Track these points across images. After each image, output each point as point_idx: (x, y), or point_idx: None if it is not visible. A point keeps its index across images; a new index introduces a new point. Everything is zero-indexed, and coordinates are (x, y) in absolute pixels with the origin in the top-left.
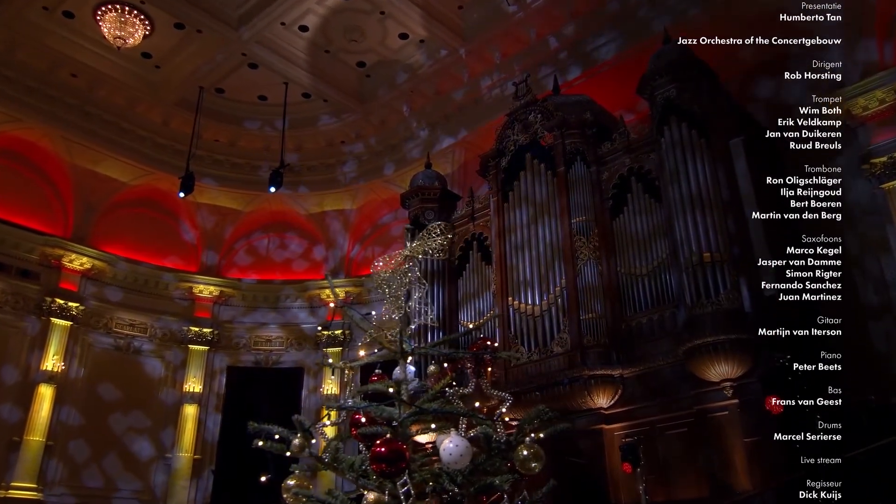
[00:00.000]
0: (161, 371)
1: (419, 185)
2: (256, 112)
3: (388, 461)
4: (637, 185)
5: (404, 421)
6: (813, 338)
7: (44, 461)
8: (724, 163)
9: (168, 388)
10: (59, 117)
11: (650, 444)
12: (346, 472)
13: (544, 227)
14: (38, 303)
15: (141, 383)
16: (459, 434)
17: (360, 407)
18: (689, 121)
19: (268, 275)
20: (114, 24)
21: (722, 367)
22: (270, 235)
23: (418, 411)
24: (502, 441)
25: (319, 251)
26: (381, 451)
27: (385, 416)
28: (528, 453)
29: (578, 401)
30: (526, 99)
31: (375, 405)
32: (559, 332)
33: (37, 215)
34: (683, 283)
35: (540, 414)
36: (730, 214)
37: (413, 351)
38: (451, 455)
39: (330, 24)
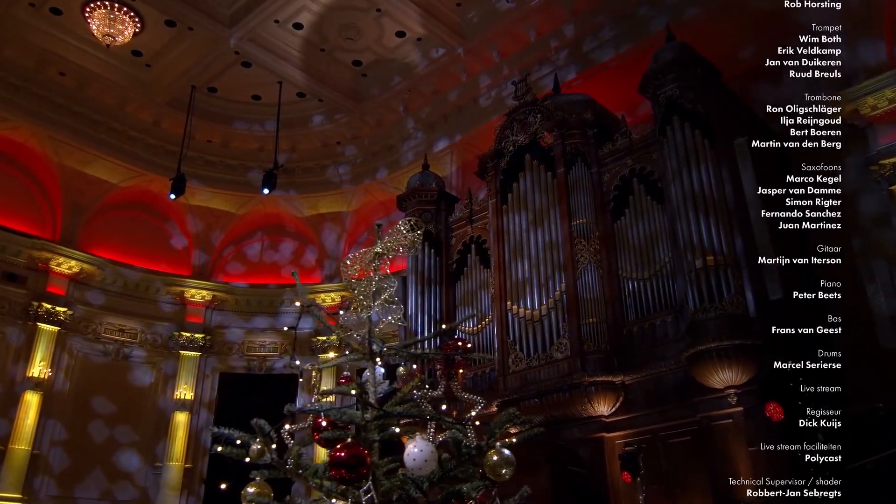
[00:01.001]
0: (151, 378)
1: (416, 187)
2: (250, 112)
3: (349, 467)
4: (639, 186)
5: (368, 424)
6: (818, 344)
7: (29, 471)
8: (728, 164)
9: (158, 396)
10: (47, 117)
11: (652, 452)
12: (310, 478)
13: (544, 229)
14: (25, 307)
15: (130, 390)
16: (425, 438)
17: (319, 410)
18: (693, 121)
19: (261, 279)
20: (103, 22)
21: (726, 374)
22: (264, 238)
23: (383, 414)
24: (473, 446)
25: (314, 254)
26: (341, 457)
27: (346, 419)
28: (499, 459)
29: (578, 408)
30: (525, 99)
31: (335, 408)
32: (559, 338)
33: (24, 217)
34: (686, 287)
35: (512, 418)
36: (734, 216)
37: (382, 353)
38: (416, 461)
39: (325, 22)
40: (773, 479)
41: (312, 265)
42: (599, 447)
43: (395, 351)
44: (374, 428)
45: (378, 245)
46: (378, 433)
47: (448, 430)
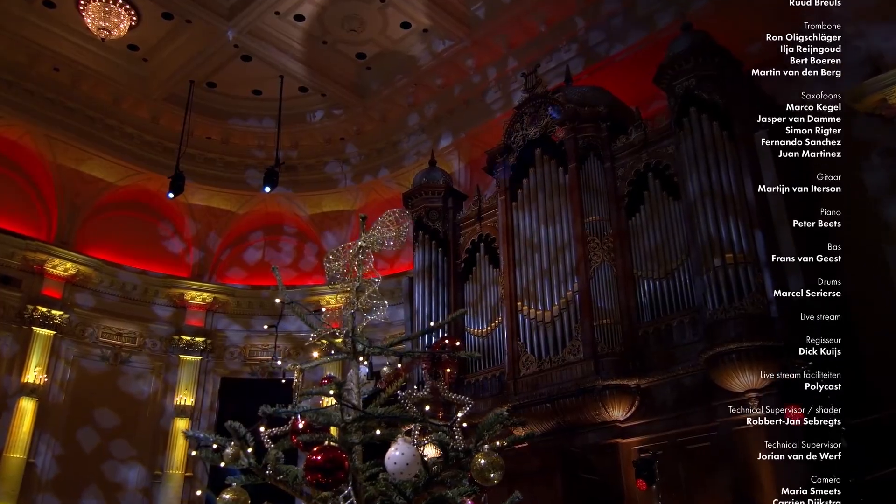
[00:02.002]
0: (150, 383)
1: (422, 184)
2: (250, 107)
3: (325, 471)
4: (654, 181)
5: (348, 427)
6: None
7: (24, 479)
8: (748, 157)
9: (157, 402)
10: (41, 114)
11: (670, 459)
12: (290, 484)
13: (555, 227)
14: (19, 311)
15: (128, 397)
16: (407, 441)
17: (295, 411)
18: (711, 112)
19: (264, 280)
20: (98, 15)
21: (746, 377)
22: (266, 238)
23: (363, 416)
24: (460, 449)
25: (317, 255)
26: (317, 460)
27: (322, 421)
28: (486, 462)
29: (592, 413)
30: (536, 91)
31: (312, 409)
32: (571, 340)
33: (18, 218)
34: (705, 286)
35: (500, 419)
36: (754, 212)
37: (365, 351)
38: (397, 464)
39: (327, 13)
40: (797, 486)
41: (315, 266)
42: (614, 454)
43: (379, 350)
44: (354, 430)
45: (362, 238)
46: (360, 436)
47: (433, 432)
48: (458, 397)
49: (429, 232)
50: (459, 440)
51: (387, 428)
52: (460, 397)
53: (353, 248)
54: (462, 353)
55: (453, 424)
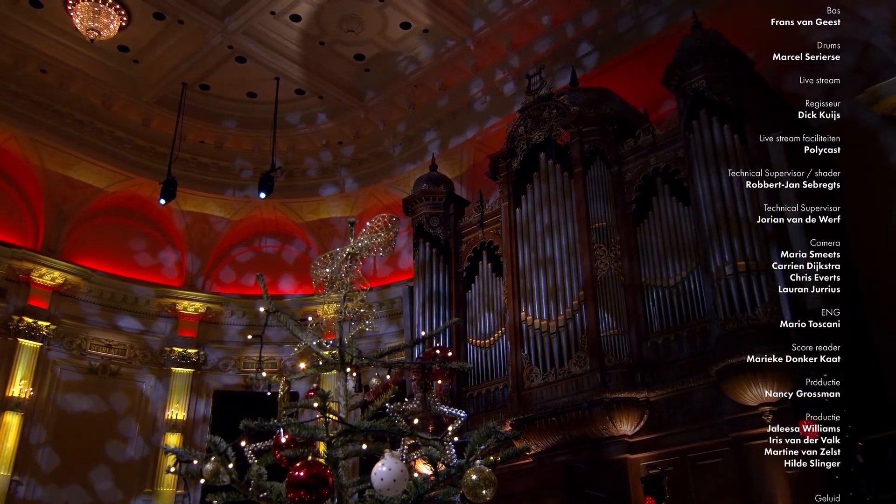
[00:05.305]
0: (141, 397)
1: (423, 189)
2: (245, 110)
3: (308, 488)
4: (663, 186)
5: (334, 441)
6: (859, 357)
7: (7, 498)
8: (760, 161)
9: (148, 416)
10: (27, 117)
11: (680, 475)
12: (274, 501)
13: (560, 233)
14: (5, 322)
15: (118, 411)
16: (395, 456)
17: (278, 425)
18: (722, 115)
19: (259, 290)
20: (86, 15)
21: (759, 390)
22: (262, 246)
23: (348, 429)
24: (452, 464)
25: None
26: (300, 476)
27: (305, 435)
28: (478, 478)
29: (599, 427)
30: (540, 93)
31: (295, 423)
32: (577, 351)
33: (3, 225)
34: (716, 295)
35: (492, 433)
36: (767, 219)
37: (353, 361)
38: (383, 480)
39: (324, 13)
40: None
41: None
42: (622, 470)
43: (367, 360)
44: (340, 444)
45: (350, 245)
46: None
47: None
48: (448, 410)
49: (430, 238)
50: (451, 455)
51: (374, 442)
52: (451, 410)
53: (341, 254)
54: (454, 363)
55: (443, 438)
